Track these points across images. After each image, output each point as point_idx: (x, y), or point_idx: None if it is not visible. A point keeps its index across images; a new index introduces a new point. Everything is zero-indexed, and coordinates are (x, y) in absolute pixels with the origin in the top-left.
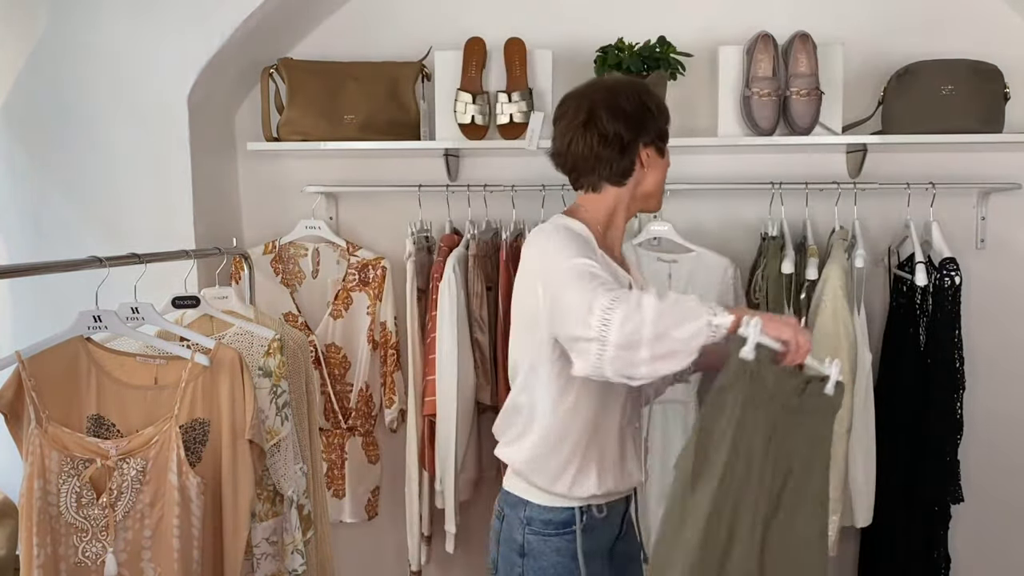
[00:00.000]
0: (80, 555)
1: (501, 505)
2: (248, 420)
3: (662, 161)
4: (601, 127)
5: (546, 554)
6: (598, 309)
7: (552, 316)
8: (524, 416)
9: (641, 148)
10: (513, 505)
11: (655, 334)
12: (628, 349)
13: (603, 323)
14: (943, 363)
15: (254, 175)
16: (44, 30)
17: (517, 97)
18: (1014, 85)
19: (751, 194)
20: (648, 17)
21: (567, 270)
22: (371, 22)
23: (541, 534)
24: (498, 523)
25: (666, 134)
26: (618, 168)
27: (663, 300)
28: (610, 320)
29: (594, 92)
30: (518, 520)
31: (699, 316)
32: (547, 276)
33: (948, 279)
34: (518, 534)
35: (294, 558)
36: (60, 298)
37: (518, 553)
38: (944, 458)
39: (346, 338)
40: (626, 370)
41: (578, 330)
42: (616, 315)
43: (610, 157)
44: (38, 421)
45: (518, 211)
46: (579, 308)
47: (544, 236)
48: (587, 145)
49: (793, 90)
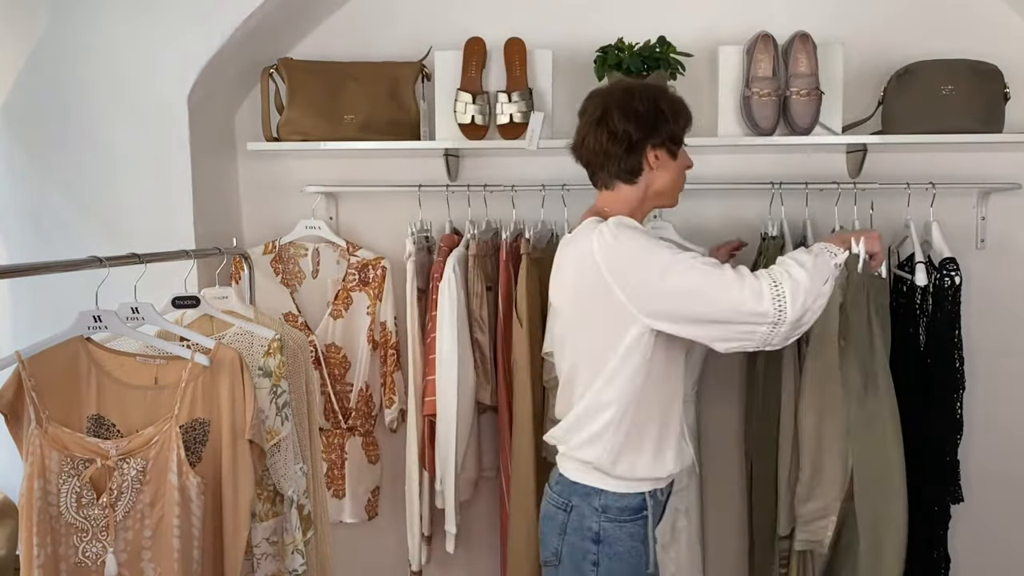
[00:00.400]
0: (80, 555)
1: (566, 497)
2: (248, 420)
3: (674, 163)
4: (612, 125)
5: (621, 539)
6: (768, 292)
7: (676, 306)
8: (608, 412)
9: (649, 149)
10: (585, 495)
11: (815, 298)
12: (800, 319)
13: (777, 304)
14: (943, 363)
15: (254, 175)
16: (44, 30)
17: (517, 97)
18: (1014, 85)
19: (751, 194)
20: (648, 17)
21: (686, 263)
22: (371, 22)
23: (616, 521)
24: (563, 514)
25: (679, 137)
26: (625, 165)
27: (804, 266)
28: (783, 299)
29: (613, 92)
30: (591, 509)
31: (828, 265)
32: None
33: (948, 279)
34: (592, 522)
35: (294, 558)
36: (60, 298)
37: (592, 540)
38: (944, 458)
39: (346, 338)
40: (792, 336)
41: (741, 316)
42: (787, 293)
43: (617, 154)
44: (38, 421)
45: (518, 211)
46: (738, 295)
47: (618, 236)
48: (598, 141)
49: (793, 90)
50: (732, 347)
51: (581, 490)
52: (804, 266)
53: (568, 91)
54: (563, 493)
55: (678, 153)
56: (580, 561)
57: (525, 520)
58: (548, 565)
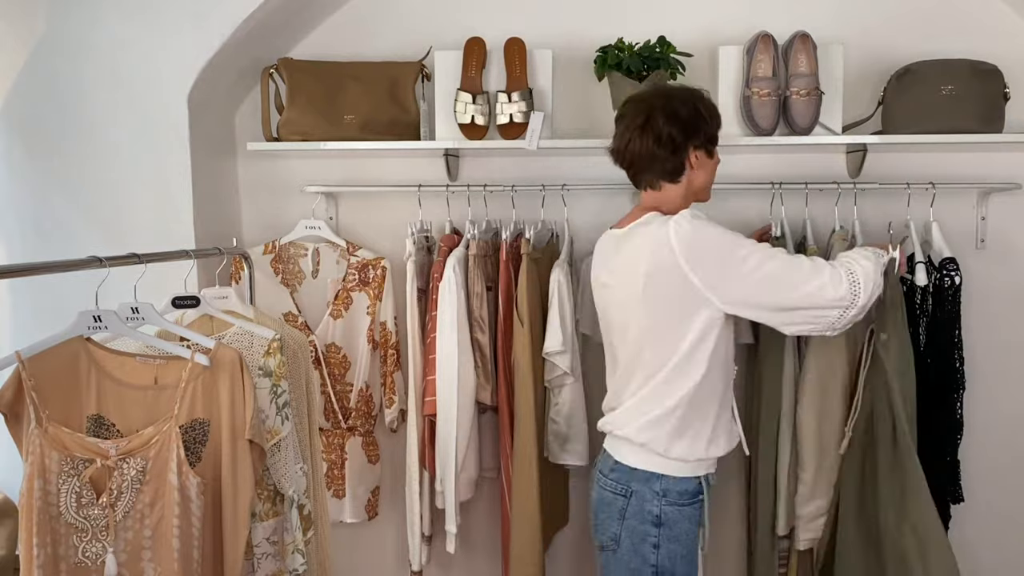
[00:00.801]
0: (80, 555)
1: (625, 483)
2: (248, 420)
3: (711, 161)
4: (657, 129)
5: (680, 522)
6: (845, 279)
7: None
8: (675, 395)
9: (691, 150)
10: (645, 480)
11: (876, 288)
12: (865, 306)
13: (853, 290)
14: (943, 363)
15: (254, 175)
16: (44, 30)
17: (517, 97)
18: (1014, 85)
19: (751, 194)
20: (648, 17)
21: (767, 252)
22: (371, 22)
23: (677, 504)
24: (622, 500)
25: (715, 138)
26: (670, 166)
27: (868, 259)
28: (858, 286)
29: (654, 98)
30: (652, 493)
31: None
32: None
33: (948, 279)
34: (653, 506)
35: (295, 558)
36: (60, 298)
37: (653, 524)
38: (944, 458)
39: (346, 338)
40: (855, 320)
41: (819, 301)
42: (860, 281)
43: (663, 157)
44: (38, 421)
45: (518, 211)
46: (818, 282)
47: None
48: (643, 145)
49: (793, 90)
50: (799, 330)
51: (641, 475)
52: (868, 259)
53: (568, 91)
54: (621, 479)
55: (714, 152)
56: (640, 544)
57: (528, 520)
58: (606, 550)
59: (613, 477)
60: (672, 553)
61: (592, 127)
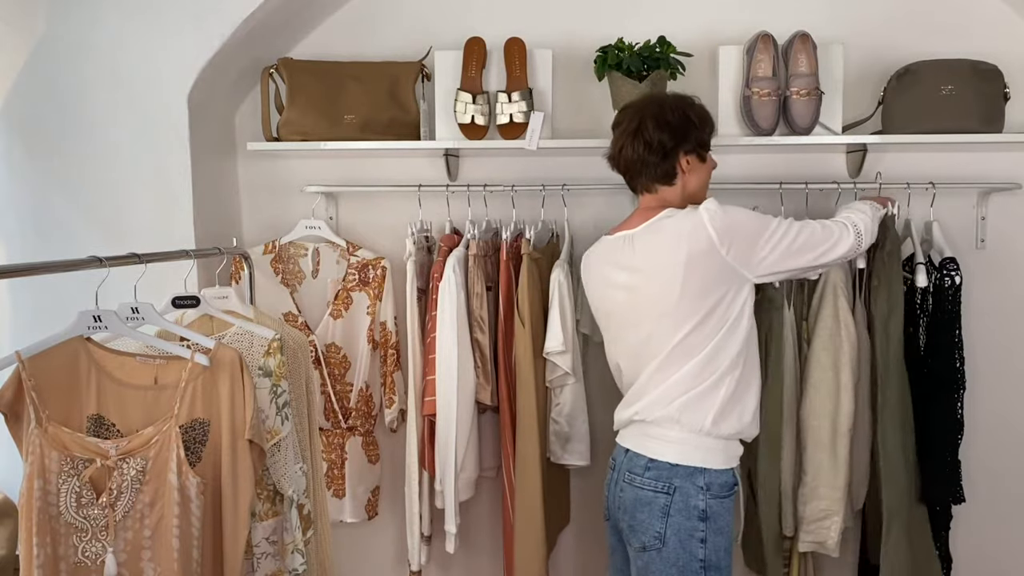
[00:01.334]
0: (80, 555)
1: (666, 481)
2: (248, 420)
3: (704, 165)
4: (647, 136)
5: (722, 515)
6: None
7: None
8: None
9: (681, 155)
10: (688, 476)
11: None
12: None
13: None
14: (943, 363)
15: (254, 175)
16: (44, 30)
17: (517, 97)
18: (1014, 85)
19: (752, 194)
20: (648, 17)
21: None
22: (371, 22)
23: (719, 497)
24: (663, 498)
25: (707, 142)
26: (661, 171)
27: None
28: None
29: (646, 106)
30: (696, 488)
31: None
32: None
33: (948, 279)
34: (698, 501)
35: (294, 557)
36: (60, 298)
37: (699, 518)
38: (945, 458)
39: (346, 338)
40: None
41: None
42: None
43: (654, 162)
44: (38, 421)
45: (518, 211)
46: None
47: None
48: (635, 151)
49: (793, 90)
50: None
51: (683, 471)
52: (866, 212)
53: (568, 91)
54: (661, 477)
55: (707, 157)
56: (687, 540)
57: (532, 521)
58: (648, 549)
59: (651, 476)
60: (717, 546)
61: (592, 127)
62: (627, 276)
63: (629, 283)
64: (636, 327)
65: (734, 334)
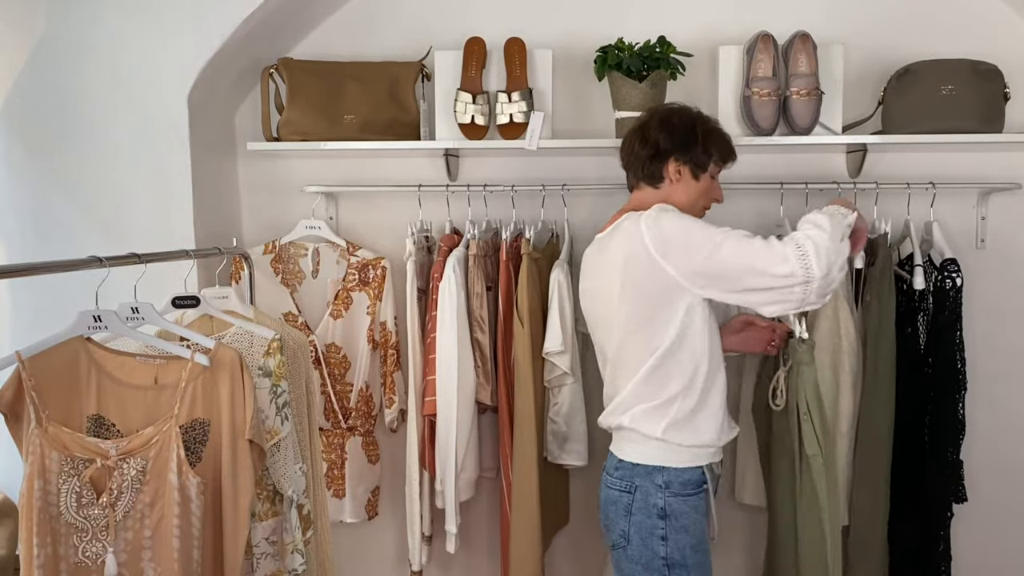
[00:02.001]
0: (80, 555)
1: (628, 480)
2: (248, 420)
3: (696, 184)
4: (646, 132)
5: (686, 513)
6: (793, 254)
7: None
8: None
9: (672, 161)
10: (647, 474)
11: (836, 255)
12: (828, 275)
13: (804, 263)
14: (944, 363)
15: (254, 175)
16: (44, 30)
17: (517, 97)
18: (1014, 85)
19: (751, 194)
20: (648, 17)
21: (722, 236)
22: (371, 22)
23: (680, 495)
24: (627, 497)
25: (704, 163)
26: (648, 170)
27: (821, 227)
28: (808, 259)
29: (662, 107)
30: (655, 487)
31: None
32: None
33: (949, 280)
34: (657, 499)
35: (294, 558)
36: (60, 298)
37: (659, 516)
38: (947, 458)
39: (346, 338)
40: (826, 291)
41: (775, 281)
42: (810, 254)
43: (644, 158)
44: (38, 421)
45: (518, 211)
46: (768, 261)
47: (661, 219)
48: (631, 144)
49: (793, 90)
50: (776, 310)
51: (643, 470)
52: (821, 226)
53: (568, 91)
54: (624, 476)
55: (701, 177)
56: (648, 537)
57: (527, 520)
58: (616, 548)
59: (617, 475)
60: (681, 544)
61: (592, 127)
62: (591, 280)
63: (591, 286)
64: (595, 330)
65: (682, 351)
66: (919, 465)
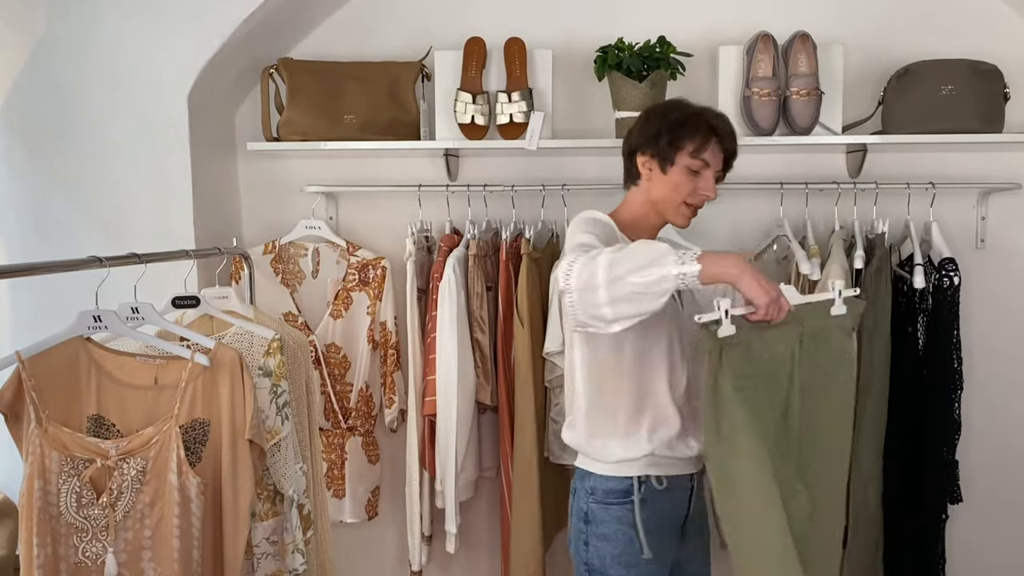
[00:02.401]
0: (80, 555)
1: (574, 483)
2: (248, 420)
3: (664, 177)
4: (630, 131)
5: (607, 521)
6: (565, 265)
7: None
8: (581, 397)
9: (639, 156)
10: (581, 478)
11: (609, 279)
12: (586, 291)
13: (567, 275)
14: (942, 363)
15: (254, 175)
16: (44, 30)
17: (517, 97)
18: (1014, 85)
19: (751, 194)
20: (648, 17)
21: (569, 249)
22: (371, 22)
23: (603, 503)
24: (572, 499)
25: (669, 155)
26: (628, 169)
27: (622, 250)
28: (571, 271)
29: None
30: (584, 491)
31: (664, 264)
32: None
33: (947, 279)
34: (584, 503)
35: (294, 557)
36: (60, 298)
37: (583, 520)
38: (942, 458)
39: (346, 338)
40: (592, 311)
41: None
42: (576, 266)
43: (624, 155)
44: (38, 421)
45: (518, 211)
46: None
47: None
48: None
49: (793, 90)
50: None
51: (580, 473)
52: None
53: (568, 91)
54: (574, 479)
55: (669, 170)
56: (576, 540)
57: (528, 520)
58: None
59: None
60: (602, 552)
61: (592, 127)
62: None
63: None
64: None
65: (581, 363)
66: (916, 465)
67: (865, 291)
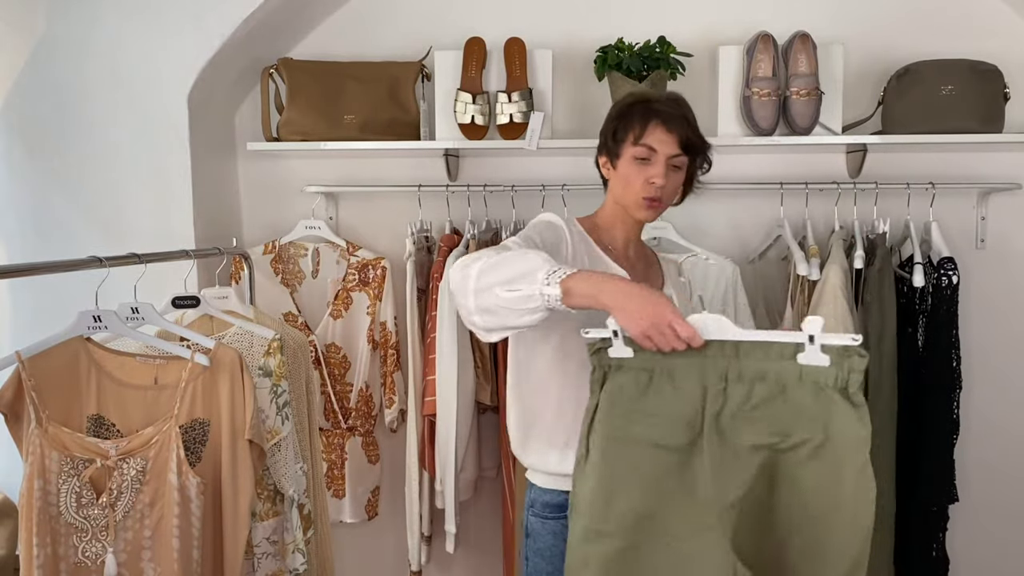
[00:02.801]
0: (80, 555)
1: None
2: (248, 420)
3: (616, 172)
4: None
5: (543, 535)
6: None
7: None
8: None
9: (599, 158)
10: (527, 489)
11: (477, 288)
12: (457, 295)
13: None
14: (940, 362)
15: (254, 175)
16: (44, 30)
17: (517, 97)
18: (1014, 85)
19: (751, 194)
20: (648, 17)
21: None
22: (371, 22)
23: (540, 516)
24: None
25: (615, 149)
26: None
27: (502, 256)
28: (453, 271)
29: None
30: (528, 503)
31: (533, 281)
32: None
33: (946, 279)
34: (525, 515)
35: (295, 557)
36: (60, 298)
37: (525, 533)
38: (939, 458)
39: (346, 338)
40: (465, 316)
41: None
42: (456, 265)
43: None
44: (38, 421)
45: (518, 211)
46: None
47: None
48: None
49: (793, 90)
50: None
51: (527, 484)
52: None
53: (568, 91)
54: None
55: (618, 164)
56: (520, 552)
57: None
58: None
59: None
60: (538, 568)
61: (592, 127)
62: None
63: None
64: None
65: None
66: (913, 465)
67: (869, 292)
